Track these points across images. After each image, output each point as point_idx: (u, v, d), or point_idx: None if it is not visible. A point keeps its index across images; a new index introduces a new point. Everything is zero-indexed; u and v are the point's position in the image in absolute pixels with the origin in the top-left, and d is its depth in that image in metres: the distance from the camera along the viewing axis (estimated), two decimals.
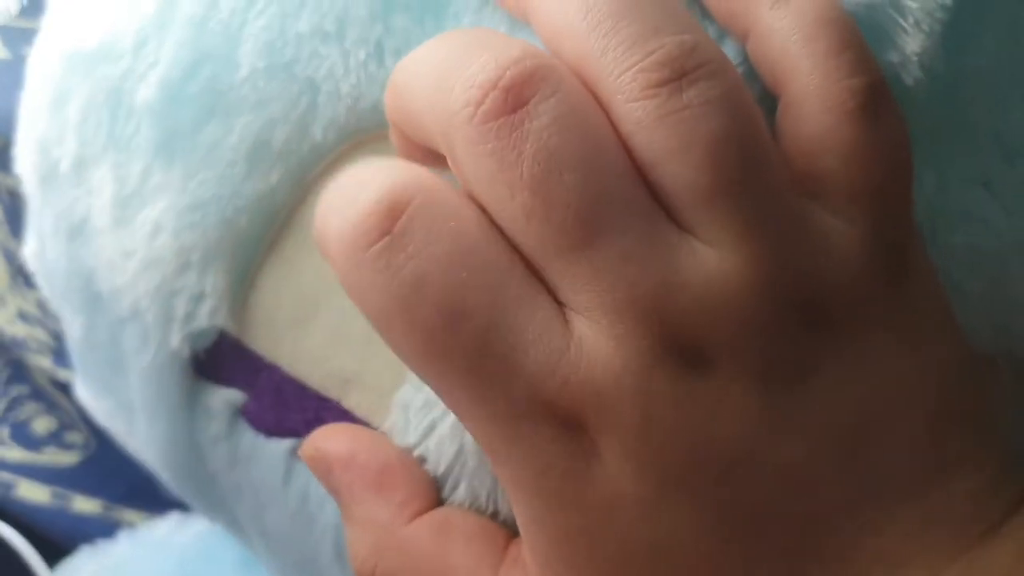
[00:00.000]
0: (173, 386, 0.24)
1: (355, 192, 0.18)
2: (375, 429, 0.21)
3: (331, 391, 0.22)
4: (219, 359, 0.23)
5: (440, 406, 0.20)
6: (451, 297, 0.17)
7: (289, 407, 0.23)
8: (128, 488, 0.42)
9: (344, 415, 0.22)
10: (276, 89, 0.21)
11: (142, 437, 0.26)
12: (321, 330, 0.22)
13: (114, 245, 0.23)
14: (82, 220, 0.24)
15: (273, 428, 0.23)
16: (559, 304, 0.18)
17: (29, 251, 0.27)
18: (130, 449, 0.27)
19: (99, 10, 0.23)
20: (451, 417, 0.20)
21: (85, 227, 0.24)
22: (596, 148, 0.17)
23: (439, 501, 0.21)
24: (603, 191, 0.17)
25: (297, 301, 0.22)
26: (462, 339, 0.17)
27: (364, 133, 0.21)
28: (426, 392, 0.20)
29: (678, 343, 0.17)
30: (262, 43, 0.21)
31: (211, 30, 0.21)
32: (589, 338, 0.17)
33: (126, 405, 0.26)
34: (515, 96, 0.17)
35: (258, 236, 0.22)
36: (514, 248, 0.18)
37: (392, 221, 0.17)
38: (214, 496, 0.26)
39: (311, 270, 0.22)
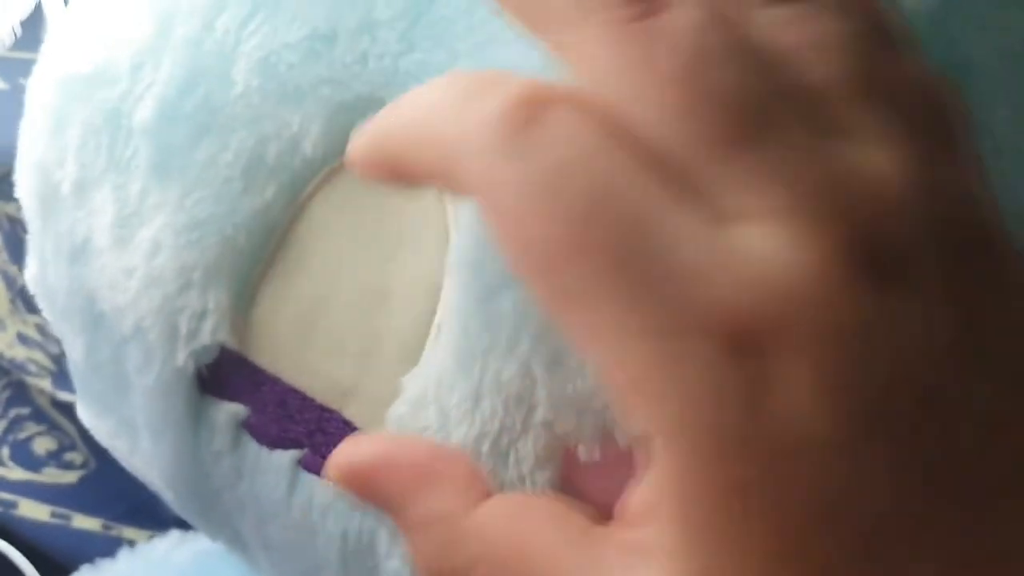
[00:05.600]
0: (178, 403, 0.24)
1: (486, 85, 0.16)
2: None
3: (332, 402, 0.23)
4: (222, 374, 0.24)
5: (431, 417, 0.21)
6: (599, 182, 0.15)
7: (292, 418, 0.23)
8: (128, 507, 0.43)
9: (345, 425, 0.23)
10: (269, 106, 0.22)
11: (146, 455, 0.26)
12: (320, 342, 0.23)
13: (115, 265, 0.24)
14: (84, 241, 0.24)
15: (277, 440, 0.24)
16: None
17: (30, 275, 0.27)
18: (132, 468, 0.28)
19: (96, 36, 0.24)
20: (441, 430, 0.21)
21: (87, 248, 0.24)
22: (744, 42, 0.16)
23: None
24: (762, 83, 0.16)
25: (296, 315, 0.23)
26: (610, 228, 0.15)
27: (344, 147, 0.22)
28: (418, 404, 0.21)
29: (871, 249, 0.15)
30: (255, 61, 0.22)
31: (206, 50, 0.22)
32: (761, 245, 0.15)
33: (129, 424, 0.26)
34: None
35: (256, 252, 0.23)
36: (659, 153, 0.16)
37: (537, 111, 0.16)
38: (218, 512, 0.26)
39: (309, 285, 0.22)
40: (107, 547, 0.40)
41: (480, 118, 0.16)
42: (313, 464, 0.24)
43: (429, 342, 0.21)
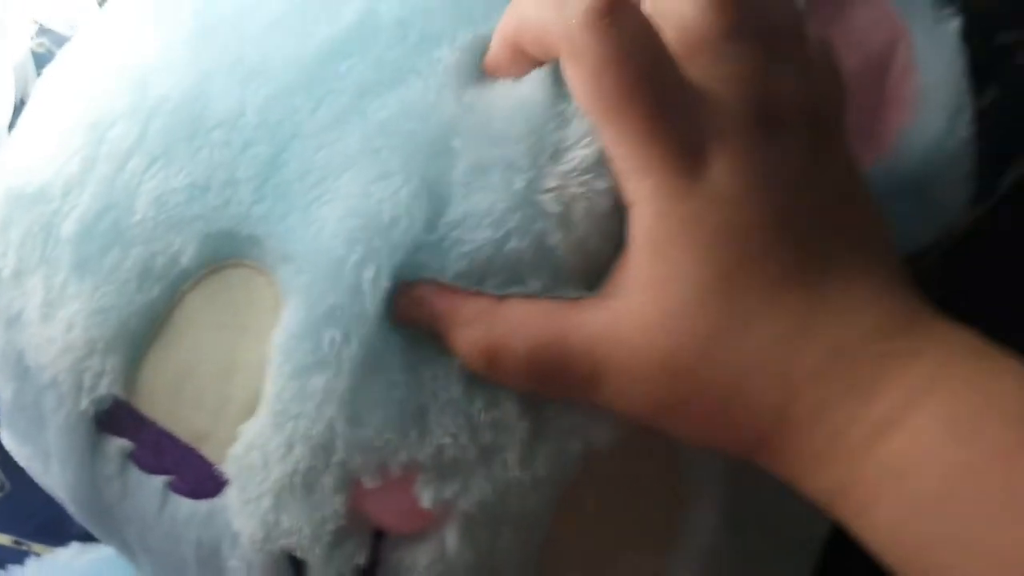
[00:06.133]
0: (80, 437, 0.32)
1: None
2: (221, 473, 0.30)
3: (192, 442, 0.31)
4: (115, 418, 0.31)
5: (257, 458, 0.29)
6: (654, 47, 0.27)
7: (164, 453, 0.31)
8: (36, 526, 0.48)
9: (201, 460, 0.31)
10: (160, 230, 0.30)
11: (55, 477, 0.34)
12: (186, 399, 0.30)
13: (41, 334, 0.31)
14: (18, 313, 0.32)
15: (152, 468, 0.32)
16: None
17: None
18: (44, 486, 0.36)
19: (38, 163, 0.32)
20: (264, 468, 0.29)
21: (20, 319, 0.32)
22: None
23: None
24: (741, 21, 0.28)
25: (170, 378, 0.30)
26: (665, 78, 0.27)
27: (214, 263, 0.30)
28: (248, 448, 0.29)
29: (775, 111, 0.27)
30: (152, 198, 0.30)
31: (117, 186, 0.30)
32: (720, 102, 0.27)
33: (43, 452, 0.34)
34: None
35: (144, 332, 0.30)
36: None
37: (605, 8, 0.26)
38: (109, 522, 0.34)
39: (180, 357, 0.30)
40: (17, 559, 0.46)
41: (579, 7, 0.27)
42: (178, 487, 0.31)
43: (259, 405, 0.30)
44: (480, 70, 0.30)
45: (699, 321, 0.26)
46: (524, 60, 0.29)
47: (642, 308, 0.27)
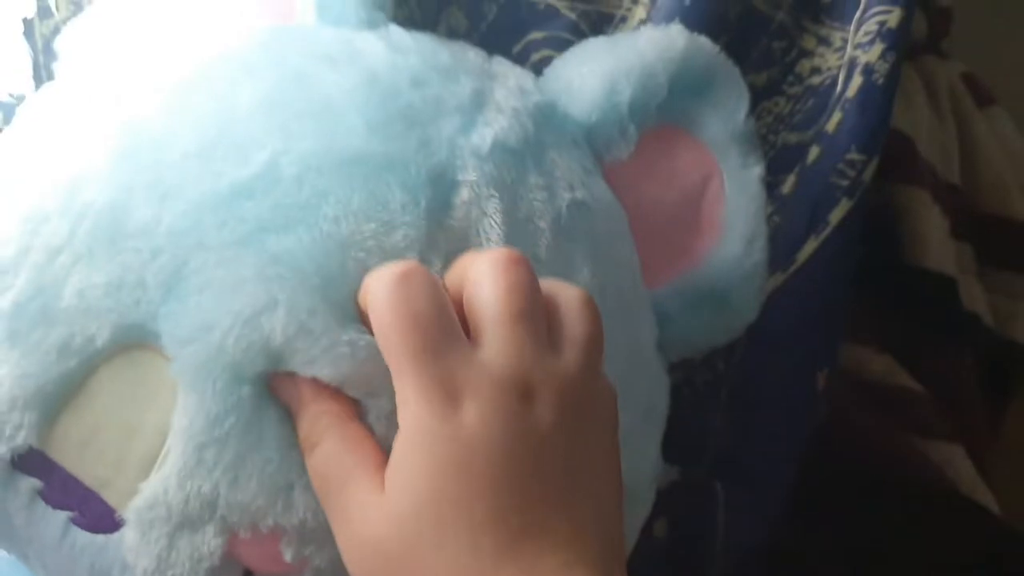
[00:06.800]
0: None
1: (393, 266, 0.34)
2: (119, 516, 0.37)
3: (94, 487, 0.37)
4: (28, 461, 0.37)
5: (162, 511, 0.36)
6: (433, 309, 0.33)
7: (69, 493, 0.37)
8: None
9: (102, 503, 0.37)
10: (80, 316, 0.36)
11: None
12: (92, 451, 0.36)
13: None
14: None
15: (58, 504, 0.38)
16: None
17: None
18: None
19: None
20: (168, 520, 0.36)
21: None
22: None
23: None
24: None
25: (81, 434, 0.36)
26: (435, 333, 0.33)
27: (124, 345, 0.36)
28: (152, 503, 0.36)
29: (525, 389, 0.34)
30: (76, 289, 0.36)
31: (47, 274, 0.36)
32: (485, 365, 0.33)
33: None
34: None
35: (60, 395, 0.36)
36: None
37: (412, 273, 0.34)
38: (16, 542, 0.39)
39: (91, 417, 0.36)
40: None
41: (382, 273, 0.34)
42: (79, 521, 0.37)
43: (156, 465, 0.36)
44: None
45: (407, 527, 0.32)
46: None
47: (380, 498, 0.33)
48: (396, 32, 0.44)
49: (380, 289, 0.34)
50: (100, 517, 0.37)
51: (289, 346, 0.35)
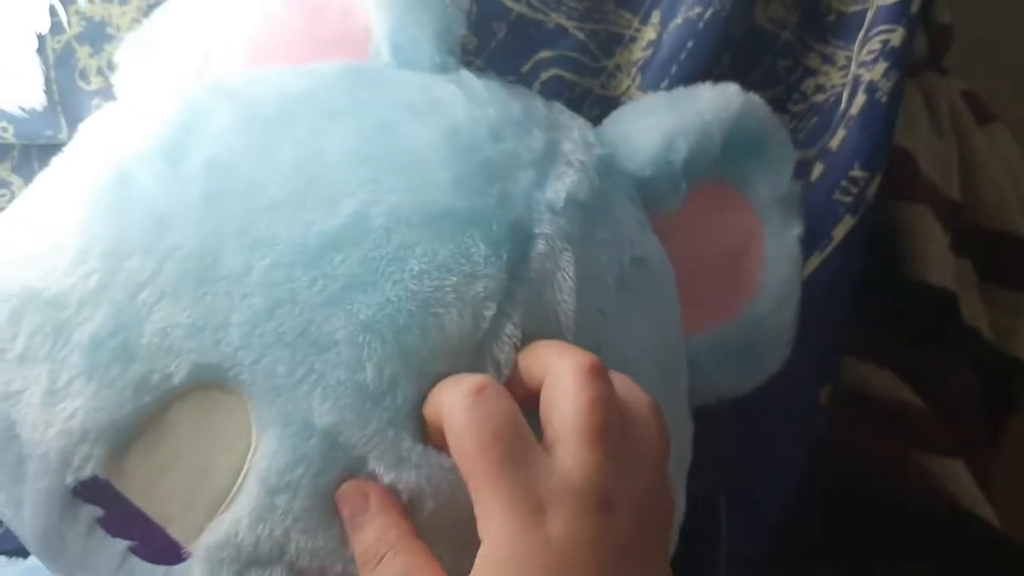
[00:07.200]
0: (57, 501, 0.38)
1: (465, 381, 0.36)
2: (184, 552, 0.37)
3: (159, 521, 0.38)
4: (93, 490, 0.38)
5: (231, 552, 0.37)
6: (511, 424, 0.35)
7: (132, 525, 0.38)
8: None
9: (166, 537, 0.38)
10: (160, 354, 0.37)
11: (24, 523, 0.39)
12: (161, 487, 0.37)
13: (39, 415, 0.37)
14: (17, 392, 0.38)
15: (118, 534, 0.38)
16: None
17: None
18: (11, 526, 0.42)
19: (54, 273, 0.38)
20: (236, 559, 0.37)
21: (19, 397, 0.38)
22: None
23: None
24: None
25: (151, 470, 0.37)
26: (516, 446, 0.34)
27: (198, 383, 0.37)
28: (224, 543, 0.37)
29: (603, 495, 0.35)
30: (158, 328, 0.37)
31: (128, 312, 0.37)
32: (568, 478, 0.34)
33: (16, 501, 0.39)
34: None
35: (132, 430, 0.37)
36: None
37: (481, 389, 0.35)
38: (64, 565, 0.40)
39: (161, 454, 0.37)
40: None
41: (457, 391, 0.35)
42: (140, 551, 0.38)
43: (224, 505, 0.37)
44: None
45: None
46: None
47: None
48: (468, 79, 0.45)
49: (456, 407, 0.35)
50: (164, 550, 0.38)
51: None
